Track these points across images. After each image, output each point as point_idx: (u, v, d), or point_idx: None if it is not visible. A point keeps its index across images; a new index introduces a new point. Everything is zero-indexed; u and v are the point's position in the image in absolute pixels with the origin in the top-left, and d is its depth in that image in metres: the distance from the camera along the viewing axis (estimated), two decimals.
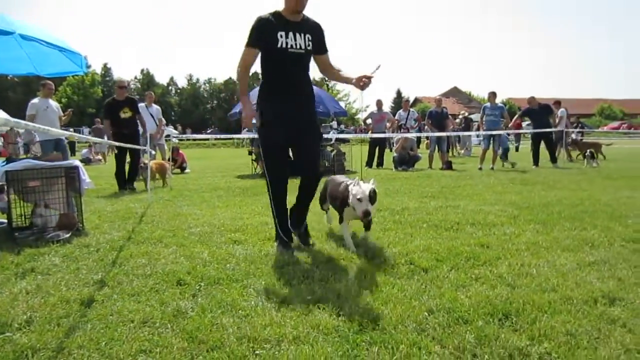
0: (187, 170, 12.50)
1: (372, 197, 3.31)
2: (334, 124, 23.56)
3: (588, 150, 12.24)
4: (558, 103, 13.65)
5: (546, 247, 3.55)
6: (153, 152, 9.54)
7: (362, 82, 3.36)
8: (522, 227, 4.24)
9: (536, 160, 11.80)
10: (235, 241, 3.90)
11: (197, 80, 69.85)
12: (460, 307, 2.33)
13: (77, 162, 4.91)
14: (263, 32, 3.42)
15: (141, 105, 9.33)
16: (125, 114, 8.06)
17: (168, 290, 2.70)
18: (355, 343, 1.97)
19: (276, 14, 3.48)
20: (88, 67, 51.87)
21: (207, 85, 69.87)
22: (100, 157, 18.50)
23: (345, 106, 40.16)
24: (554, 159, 11.88)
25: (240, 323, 2.20)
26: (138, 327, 2.19)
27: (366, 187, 3.32)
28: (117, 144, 6.95)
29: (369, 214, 3.29)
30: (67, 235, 4.11)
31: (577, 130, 17.93)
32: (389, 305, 2.37)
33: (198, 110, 65.28)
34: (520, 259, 3.21)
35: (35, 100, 7.94)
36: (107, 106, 8.21)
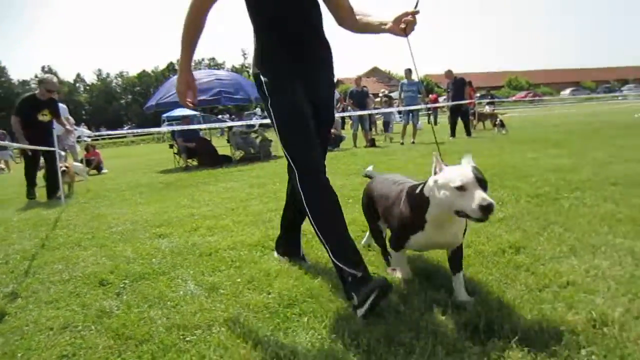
0: (104, 171, 11.85)
1: (482, 178, 1.84)
2: (258, 110, 23.29)
3: (498, 119, 13.13)
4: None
5: None
6: (63, 154, 8.91)
7: (405, 25, 2.10)
8: None
9: (453, 132, 12.44)
10: (160, 235, 3.79)
11: (108, 75, 66.03)
12: (385, 273, 2.45)
13: None
14: None
15: (62, 106, 8.63)
16: (44, 116, 7.10)
17: (90, 293, 2.58)
18: (286, 316, 2.00)
19: None
20: None
21: (119, 79, 66.24)
22: (3, 165, 16.98)
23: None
24: (468, 132, 12.57)
25: (168, 314, 2.16)
26: (58, 333, 2.08)
27: (464, 168, 1.87)
28: (30, 147, 6.42)
29: (492, 207, 1.75)
30: None
31: (488, 101, 19.19)
32: (319, 278, 2.43)
33: (111, 106, 61.81)
34: None
35: None
36: (24, 103, 7.11)
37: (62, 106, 9.94)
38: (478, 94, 19.82)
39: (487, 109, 17.00)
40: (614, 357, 1.51)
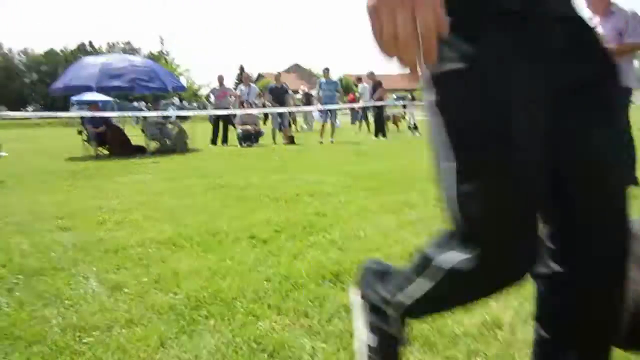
0: (2, 154, 10.82)
1: None
2: (176, 100, 22.46)
3: (412, 122, 13.87)
4: (359, 80, 15.25)
5: (374, 211, 3.94)
6: None
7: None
8: (354, 195, 4.63)
9: (376, 132, 13.03)
10: (63, 228, 3.56)
11: (10, 50, 60.27)
12: (296, 274, 2.48)
13: None
14: None
15: None
16: None
17: None
18: (192, 318, 1.98)
19: None
20: None
21: (22, 56, 60.69)
22: None
23: (187, 82, 38.41)
24: (383, 133, 13.12)
25: (65, 313, 2.04)
26: None
27: None
28: None
29: None
30: None
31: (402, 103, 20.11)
32: (228, 279, 2.41)
33: (14, 84, 56.51)
34: (351, 224, 3.52)
35: None
36: None
37: None
38: (394, 96, 20.74)
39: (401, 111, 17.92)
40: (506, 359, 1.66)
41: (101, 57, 12.86)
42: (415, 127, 13.44)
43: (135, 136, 11.21)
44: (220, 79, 13.03)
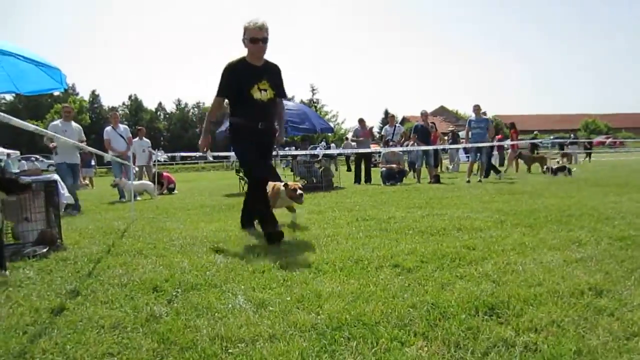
0: (175, 192, 12.38)
1: None
2: (323, 143, 23.64)
3: (552, 164, 12.62)
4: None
5: (532, 247, 3.49)
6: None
7: None
8: (508, 231, 4.19)
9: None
10: (217, 250, 3.81)
11: (186, 104, 70.12)
12: (444, 303, 2.26)
13: (55, 177, 4.81)
14: None
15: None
16: None
17: (143, 297, 2.59)
18: (334, 339, 1.88)
19: None
20: (70, 88, 51.93)
21: (195, 109, 70.10)
22: (87, 181, 18.26)
23: (334, 126, 40.32)
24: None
25: (214, 324, 2.11)
26: (107, 331, 2.09)
27: None
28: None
29: None
30: (45, 250, 3.98)
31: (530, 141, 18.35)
32: (371, 304, 2.28)
33: (187, 134, 65.33)
34: (506, 258, 3.15)
35: (56, 122, 8.07)
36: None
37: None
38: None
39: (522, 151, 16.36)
40: None
41: None
42: (567, 170, 12.16)
43: (286, 176, 11.91)
44: (361, 122, 13.23)
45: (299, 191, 4.95)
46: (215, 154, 12.41)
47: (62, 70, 5.97)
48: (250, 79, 4.29)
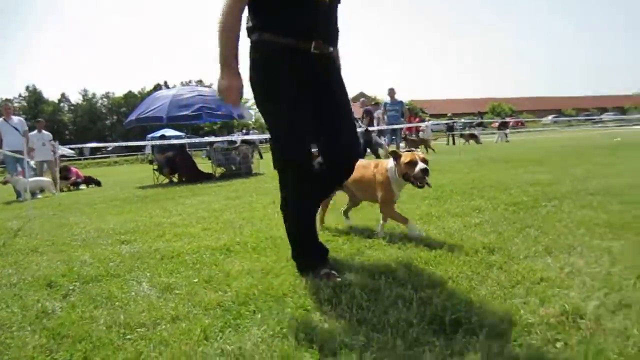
0: (82, 187, 11.59)
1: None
2: (244, 131, 23.21)
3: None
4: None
5: (438, 215, 3.68)
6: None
7: None
8: (417, 203, 4.37)
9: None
10: (123, 241, 3.61)
11: (94, 95, 65.64)
12: (352, 270, 2.31)
13: None
14: None
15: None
16: None
17: (35, 295, 2.38)
18: (239, 313, 1.85)
19: None
20: None
21: (104, 99, 65.90)
22: None
23: (255, 113, 39.64)
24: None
25: (113, 313, 1.98)
26: None
27: None
28: None
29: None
30: None
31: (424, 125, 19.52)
32: (280, 277, 2.28)
33: (96, 126, 61.34)
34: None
35: None
36: None
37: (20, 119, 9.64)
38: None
39: (422, 135, 17.34)
40: (588, 348, 1.38)
41: (172, 90, 13.36)
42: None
43: (203, 163, 11.58)
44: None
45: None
46: (126, 143, 11.69)
47: None
48: None
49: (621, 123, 33.51)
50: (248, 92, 2.28)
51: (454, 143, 18.48)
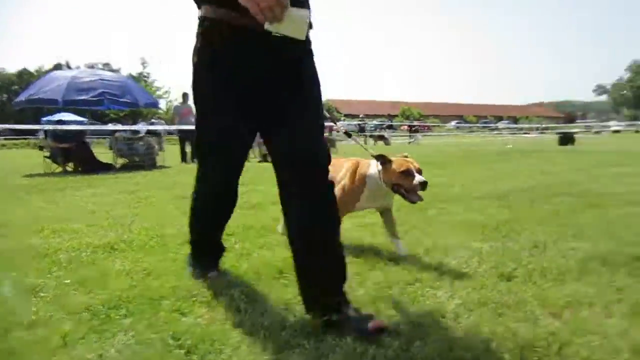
0: None
1: None
2: (153, 120, 22.02)
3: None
4: None
5: None
6: None
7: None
8: None
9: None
10: None
11: None
12: (239, 271, 2.28)
13: None
14: None
15: None
16: None
17: None
18: (108, 317, 1.74)
19: None
20: None
21: None
22: None
23: (167, 103, 37.83)
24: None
25: None
26: None
27: None
28: None
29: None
30: None
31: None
32: (161, 279, 2.18)
33: None
34: None
35: None
36: None
37: None
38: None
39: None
40: (444, 345, 1.47)
41: (72, 71, 12.26)
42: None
43: (105, 153, 10.87)
44: (185, 96, 12.53)
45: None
46: (16, 126, 10.62)
47: None
48: None
49: (514, 131, 36.98)
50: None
51: (365, 143, 19.14)
